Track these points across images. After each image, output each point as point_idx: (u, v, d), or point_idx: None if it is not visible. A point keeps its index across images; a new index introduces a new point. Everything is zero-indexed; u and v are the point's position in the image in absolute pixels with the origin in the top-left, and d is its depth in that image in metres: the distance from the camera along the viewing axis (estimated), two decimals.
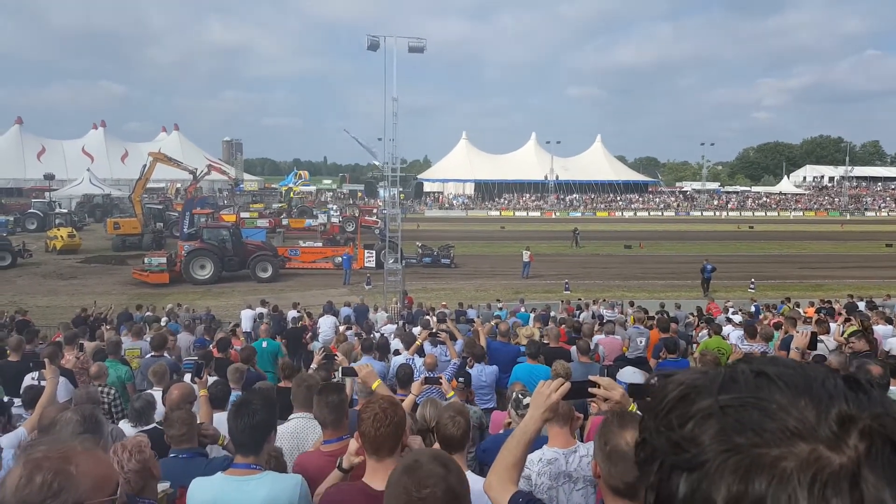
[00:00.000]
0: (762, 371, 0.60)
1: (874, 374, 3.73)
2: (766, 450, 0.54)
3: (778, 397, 0.57)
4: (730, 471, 0.54)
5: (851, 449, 0.53)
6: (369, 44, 24.05)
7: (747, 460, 0.54)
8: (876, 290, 24.82)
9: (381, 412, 2.44)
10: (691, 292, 26.68)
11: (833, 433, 0.54)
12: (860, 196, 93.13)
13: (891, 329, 10.72)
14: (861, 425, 0.54)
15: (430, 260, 34.62)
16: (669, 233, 54.89)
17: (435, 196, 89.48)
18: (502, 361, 8.28)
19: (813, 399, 0.56)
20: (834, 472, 0.51)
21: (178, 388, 4.39)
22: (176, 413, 3.47)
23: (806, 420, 0.55)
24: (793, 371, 0.60)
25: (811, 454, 0.53)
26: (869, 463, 0.51)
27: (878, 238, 48.86)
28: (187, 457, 3.36)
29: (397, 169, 25.10)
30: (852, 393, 0.57)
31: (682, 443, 0.58)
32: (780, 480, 0.52)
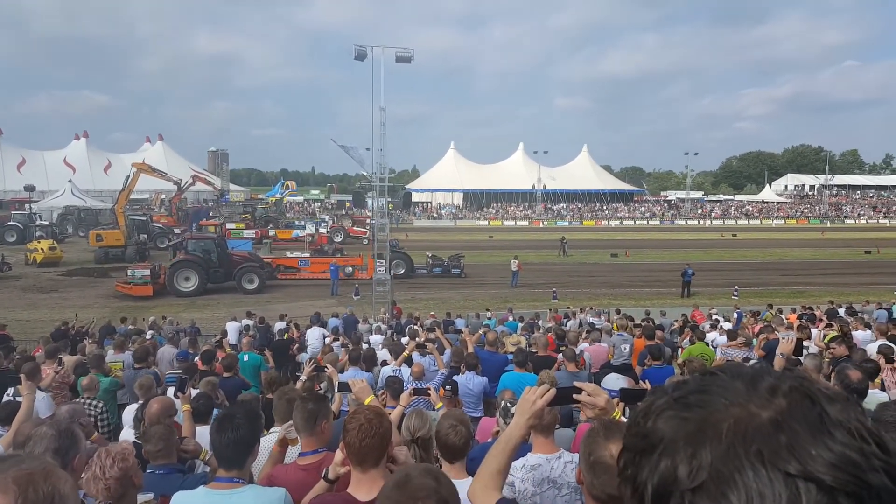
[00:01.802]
0: (708, 370, 0.73)
1: (853, 378, 3.79)
2: (709, 416, 0.65)
3: (721, 381, 0.69)
4: (682, 439, 0.65)
5: (776, 405, 0.64)
6: (356, 54, 24.10)
7: (695, 427, 0.65)
8: (855, 296, 25.15)
9: (367, 423, 2.45)
10: (676, 300, 26.89)
11: (763, 397, 0.65)
12: (840, 204, 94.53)
13: (870, 334, 10.87)
14: (783, 388, 0.66)
15: (441, 270, 34.53)
16: (655, 241, 55.33)
17: (423, 206, 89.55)
18: (490, 370, 8.28)
19: (747, 379, 0.68)
20: (762, 422, 0.62)
21: (159, 401, 4.34)
22: (154, 428, 3.42)
23: (741, 392, 0.66)
24: (732, 366, 0.73)
25: (743, 412, 0.64)
26: (790, 412, 0.63)
27: (857, 245, 49.58)
28: (164, 472, 3.31)
29: (385, 179, 25.09)
30: (778, 372, 0.69)
31: (646, 434, 0.69)
32: (718, 437, 0.62)
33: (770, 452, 0.60)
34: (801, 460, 0.59)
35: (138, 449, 3.11)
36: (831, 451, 0.59)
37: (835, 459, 0.58)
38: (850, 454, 0.59)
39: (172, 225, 51.20)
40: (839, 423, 0.61)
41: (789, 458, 0.59)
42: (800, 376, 0.68)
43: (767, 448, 0.60)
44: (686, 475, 0.62)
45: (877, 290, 27.93)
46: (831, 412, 0.62)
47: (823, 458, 0.59)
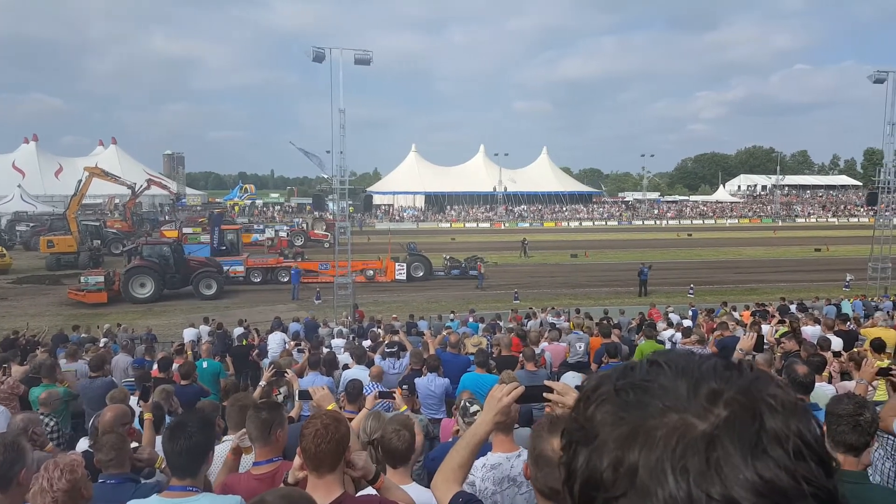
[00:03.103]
0: (655, 360, 0.69)
1: (800, 372, 3.93)
2: (644, 422, 0.61)
3: (662, 379, 0.65)
4: (613, 441, 0.62)
5: (714, 416, 0.59)
6: (314, 55, 23.88)
7: (627, 431, 0.61)
8: (806, 292, 26.11)
9: (323, 428, 2.42)
10: (634, 298, 27.47)
11: (702, 406, 0.61)
12: (791, 203, 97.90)
13: (819, 329, 11.28)
14: (726, 397, 0.61)
15: (459, 272, 34.48)
16: (613, 242, 56.34)
17: (385, 208, 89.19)
18: (452, 372, 8.30)
19: (690, 379, 0.64)
20: (695, 436, 0.58)
21: (112, 409, 4.21)
22: (105, 437, 3.32)
23: (680, 396, 0.62)
24: (680, 358, 0.68)
25: (679, 422, 0.60)
26: (726, 427, 0.58)
27: (807, 243, 51.43)
28: (116, 482, 3.22)
29: (346, 181, 24.90)
30: (727, 373, 0.64)
31: (584, 423, 0.67)
32: (650, 446, 0.59)
33: (696, 471, 0.56)
34: (726, 483, 0.55)
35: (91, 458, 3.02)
36: (759, 476, 0.55)
37: (761, 486, 0.55)
38: (780, 478, 0.55)
39: (127, 230, 49.75)
40: (778, 440, 0.58)
41: (714, 480, 0.56)
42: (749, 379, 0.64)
43: (695, 466, 0.57)
44: (610, 482, 0.60)
45: (826, 286, 29.07)
46: (771, 426, 0.58)
47: (749, 482, 0.55)
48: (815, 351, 7.09)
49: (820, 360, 6.53)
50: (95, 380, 7.87)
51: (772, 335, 10.02)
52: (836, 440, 2.49)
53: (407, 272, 33.24)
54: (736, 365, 0.66)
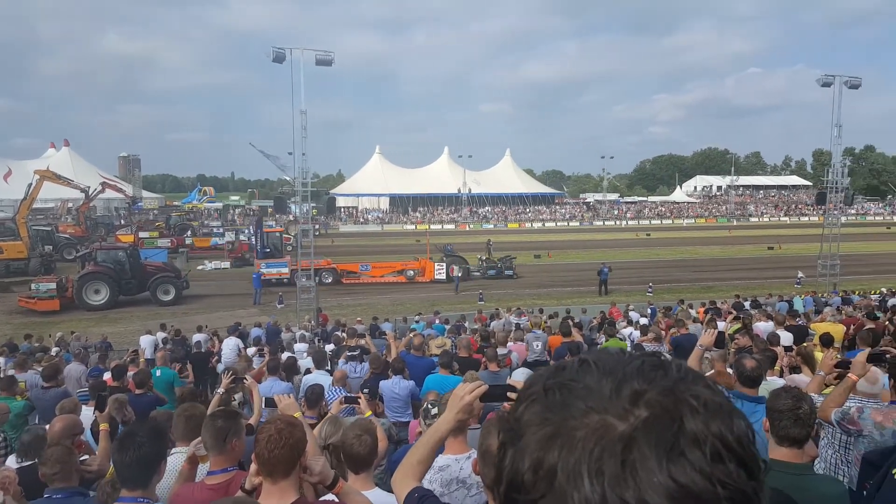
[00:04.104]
0: (585, 359, 0.68)
1: (748, 366, 4.07)
2: (566, 423, 0.60)
3: (588, 379, 0.64)
4: (535, 442, 0.61)
5: (634, 418, 0.58)
6: (274, 56, 23.58)
7: (550, 432, 0.60)
8: (760, 289, 26.91)
9: (276, 433, 2.40)
10: (596, 297, 27.90)
11: (623, 407, 0.60)
12: (745, 203, 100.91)
13: (772, 325, 11.63)
14: (647, 398, 0.60)
15: (495, 272, 34.99)
16: (575, 242, 57.13)
17: (349, 211, 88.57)
18: (416, 374, 8.30)
19: (614, 379, 0.63)
20: (613, 438, 0.57)
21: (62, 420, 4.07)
22: (51, 449, 3.20)
23: (603, 396, 0.61)
24: (608, 357, 0.68)
25: (599, 423, 0.59)
26: (644, 428, 0.57)
27: (761, 242, 53.05)
28: (63, 497, 3.12)
29: (308, 183, 24.64)
30: (652, 372, 0.63)
31: (513, 422, 0.66)
32: (570, 447, 0.58)
33: (611, 474, 0.55)
34: (640, 487, 0.54)
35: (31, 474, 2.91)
36: (673, 480, 0.54)
37: (675, 490, 0.54)
38: (695, 482, 0.54)
39: (80, 235, 48.19)
40: (696, 442, 0.56)
41: (628, 483, 0.55)
42: (674, 379, 0.62)
43: (610, 468, 0.55)
44: (531, 484, 0.59)
45: (779, 283, 30.03)
46: (690, 428, 0.57)
47: (663, 486, 0.54)
48: (765, 346, 7.32)
49: (772, 354, 6.75)
50: (48, 390, 7.61)
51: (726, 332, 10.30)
52: (779, 434, 2.57)
53: (446, 273, 33.83)
54: (663, 364, 0.65)
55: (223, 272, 39.45)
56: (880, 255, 42.97)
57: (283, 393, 4.82)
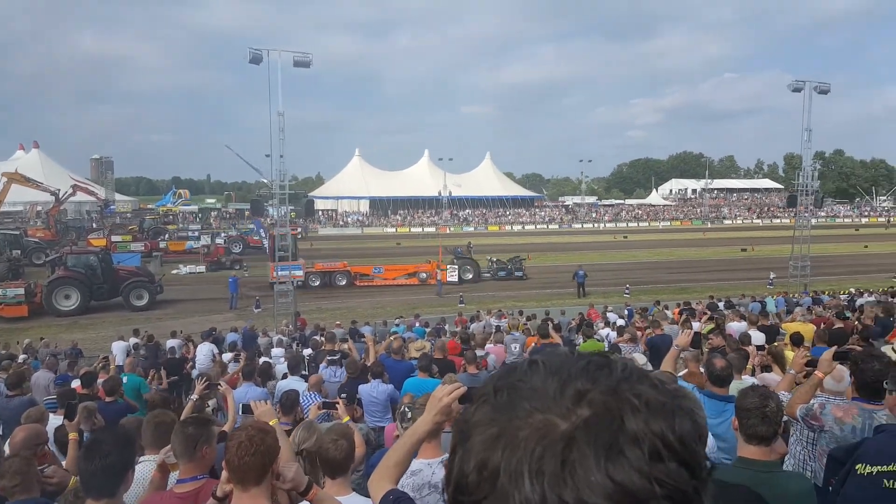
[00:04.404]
0: (535, 360, 0.68)
1: (717, 366, 4.14)
2: (511, 423, 0.60)
3: (535, 379, 0.64)
4: (480, 443, 0.61)
5: (576, 417, 0.59)
6: (251, 57, 23.36)
7: (495, 433, 0.60)
8: (733, 290, 27.32)
9: (247, 440, 2.37)
10: (575, 299, 28.10)
11: (566, 406, 0.60)
12: (719, 206, 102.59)
13: (745, 325, 11.83)
14: (590, 397, 0.60)
15: (506, 273, 35.18)
16: (554, 244, 57.50)
17: (329, 213, 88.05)
18: (395, 378, 8.27)
19: (559, 379, 0.63)
20: (554, 438, 0.57)
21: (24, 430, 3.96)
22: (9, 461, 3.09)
23: (548, 396, 0.61)
24: (555, 357, 0.68)
25: (542, 423, 0.59)
26: (584, 428, 0.57)
27: (734, 244, 53.92)
28: None
29: (286, 186, 24.44)
30: (597, 372, 0.63)
31: (462, 423, 0.66)
32: (513, 448, 0.58)
33: (551, 474, 0.55)
34: (578, 486, 0.54)
35: None
36: (610, 479, 0.54)
37: (612, 489, 0.54)
38: (632, 481, 0.54)
39: (50, 239, 47.20)
40: (636, 440, 0.56)
41: (567, 483, 0.54)
42: (617, 378, 0.62)
43: (550, 468, 0.55)
44: (475, 485, 0.59)
45: (751, 284, 30.58)
46: (631, 427, 0.57)
47: (600, 485, 0.54)
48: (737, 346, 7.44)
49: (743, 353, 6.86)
50: (13, 399, 7.42)
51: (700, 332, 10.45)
52: (747, 433, 2.62)
53: (458, 275, 34.08)
54: (608, 364, 0.65)
55: (199, 276, 38.94)
56: (849, 257, 44.00)
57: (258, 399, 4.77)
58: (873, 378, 3.13)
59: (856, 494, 2.52)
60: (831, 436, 3.30)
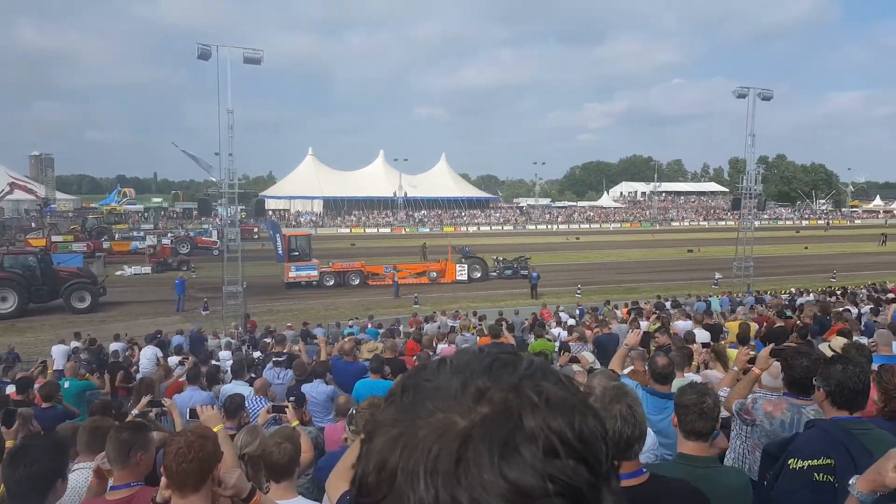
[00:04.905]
0: (443, 358, 0.67)
1: (660, 364, 4.25)
2: (412, 423, 0.59)
3: (441, 378, 0.63)
4: (381, 443, 0.59)
5: (476, 415, 0.57)
6: (199, 53, 22.79)
7: (396, 434, 0.59)
8: (680, 290, 28.16)
9: (185, 446, 2.30)
10: (528, 299, 28.44)
11: (467, 405, 0.59)
12: (667, 209, 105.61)
13: (690, 324, 12.20)
14: (490, 395, 0.59)
15: (512, 272, 35.58)
16: (508, 245, 57.92)
17: (281, 213, 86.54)
18: (347, 379, 8.18)
19: (462, 377, 0.62)
20: (451, 436, 0.56)
21: None
22: None
23: (450, 395, 0.60)
24: (463, 355, 0.67)
25: (442, 422, 0.58)
26: (482, 425, 0.56)
27: (681, 245, 55.55)
28: None
29: (236, 185, 23.90)
30: (501, 369, 0.63)
31: (370, 423, 0.64)
32: (412, 448, 0.57)
33: (445, 473, 0.54)
34: (472, 486, 0.53)
35: None
36: (503, 477, 0.53)
37: (505, 488, 0.53)
38: (524, 479, 0.53)
39: None
40: (533, 437, 0.55)
41: (461, 482, 0.53)
42: (520, 376, 0.61)
43: (444, 467, 0.54)
44: (374, 486, 0.58)
45: (697, 284, 31.52)
46: (528, 424, 0.56)
47: (493, 484, 0.53)
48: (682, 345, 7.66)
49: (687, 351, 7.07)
50: None
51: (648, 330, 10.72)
52: (685, 429, 2.69)
53: (467, 274, 34.82)
54: (513, 361, 0.64)
55: (144, 278, 37.72)
56: (790, 258, 45.94)
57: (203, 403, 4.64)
58: (801, 374, 3.26)
59: (789, 488, 2.61)
60: (762, 430, 3.43)
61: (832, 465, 2.53)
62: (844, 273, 35.28)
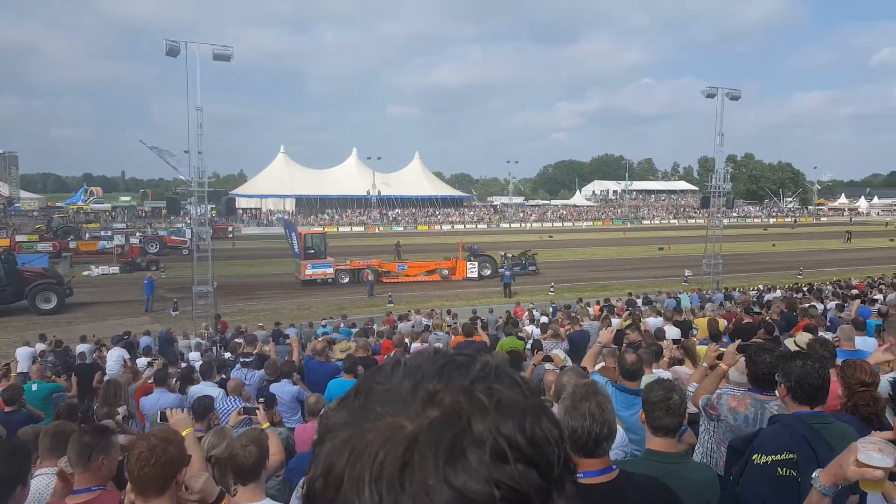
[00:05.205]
0: (398, 360, 0.66)
1: (628, 360, 4.31)
2: (361, 426, 0.58)
3: (394, 380, 0.61)
4: (330, 448, 0.58)
5: (425, 418, 0.56)
6: (168, 49, 22.34)
7: (345, 438, 0.58)
8: (651, 287, 28.57)
9: (147, 451, 2.25)
10: (502, 299, 28.55)
11: (417, 409, 0.57)
12: (638, 207, 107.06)
13: (660, 321, 12.39)
14: (439, 398, 0.58)
15: (520, 268, 35.62)
16: (483, 244, 58.08)
17: (252, 212, 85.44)
18: (319, 380, 8.12)
19: (415, 379, 0.60)
20: (398, 440, 0.55)
21: None
22: None
23: (400, 398, 0.59)
24: (418, 357, 0.65)
25: (390, 426, 0.56)
26: (429, 430, 0.55)
27: (652, 243, 56.36)
28: None
29: (206, 183, 23.50)
30: (453, 371, 0.61)
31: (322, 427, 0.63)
32: (359, 452, 0.55)
33: (389, 478, 0.53)
34: (416, 494, 0.52)
35: None
36: (447, 483, 0.52)
37: (449, 495, 0.52)
38: (469, 485, 0.52)
39: None
40: (481, 442, 0.54)
41: (404, 488, 0.52)
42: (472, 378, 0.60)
43: (389, 473, 0.53)
44: (321, 491, 0.57)
45: (668, 281, 32.01)
46: (477, 428, 0.55)
47: (437, 491, 0.52)
48: (652, 341, 7.77)
49: (657, 348, 7.18)
50: None
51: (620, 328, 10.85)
52: (653, 425, 2.73)
53: (478, 271, 35.37)
54: (467, 363, 0.63)
55: (112, 278, 36.91)
56: (758, 255, 46.90)
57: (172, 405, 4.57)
58: (765, 370, 3.33)
59: (753, 483, 2.66)
60: (727, 425, 3.49)
61: (795, 459, 2.58)
62: (811, 270, 36.18)
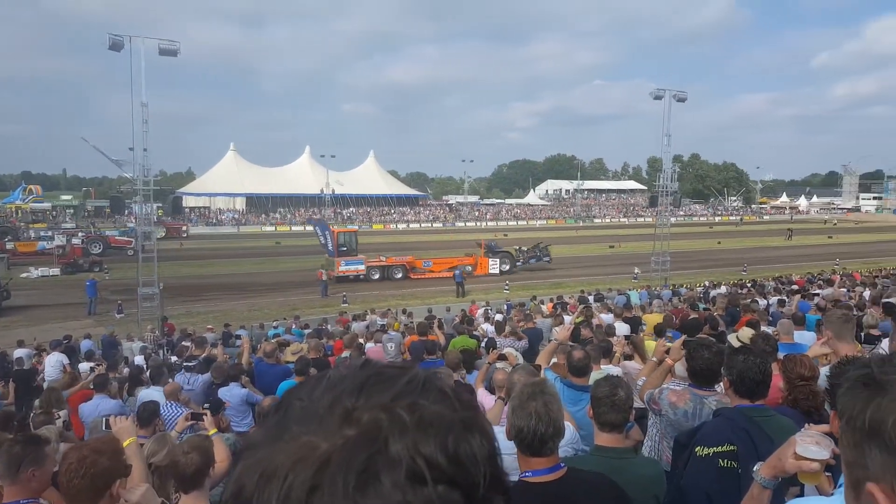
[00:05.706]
0: (324, 373, 0.62)
1: (576, 357, 4.36)
2: (275, 447, 0.54)
3: (314, 396, 0.58)
4: (243, 468, 0.55)
5: (339, 438, 0.53)
6: (111, 43, 21.57)
7: (258, 457, 0.54)
8: (602, 284, 29.19)
9: (77, 462, 2.14)
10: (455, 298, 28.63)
11: (333, 427, 0.54)
12: (590, 206, 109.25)
13: (612, 317, 12.63)
14: (357, 415, 0.54)
15: (535, 261, 37.24)
16: (438, 243, 58.26)
17: (201, 211, 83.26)
18: (269, 382, 7.96)
19: (334, 394, 0.57)
20: (309, 462, 0.51)
21: None
22: None
23: (317, 415, 0.55)
24: (343, 370, 0.61)
25: (305, 446, 0.53)
26: (342, 450, 0.52)
27: (603, 241, 57.60)
28: None
29: (151, 182, 22.76)
30: (376, 385, 0.57)
31: (242, 444, 0.59)
32: (269, 474, 0.52)
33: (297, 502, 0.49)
34: None
35: None
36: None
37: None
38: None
39: None
40: (396, 463, 0.51)
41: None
42: (394, 394, 0.56)
43: (296, 498, 0.49)
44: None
45: (618, 278, 32.79)
46: (394, 448, 0.52)
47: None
48: (603, 338, 7.91)
49: (607, 344, 7.31)
50: None
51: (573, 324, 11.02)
52: (599, 421, 2.76)
53: (498, 267, 36.22)
54: (393, 377, 0.59)
55: (52, 280, 35.40)
56: (704, 252, 48.42)
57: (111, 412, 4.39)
58: (703, 365, 3.41)
59: (696, 475, 2.73)
60: (667, 419, 3.57)
61: (735, 451, 2.66)
62: (754, 266, 37.55)
